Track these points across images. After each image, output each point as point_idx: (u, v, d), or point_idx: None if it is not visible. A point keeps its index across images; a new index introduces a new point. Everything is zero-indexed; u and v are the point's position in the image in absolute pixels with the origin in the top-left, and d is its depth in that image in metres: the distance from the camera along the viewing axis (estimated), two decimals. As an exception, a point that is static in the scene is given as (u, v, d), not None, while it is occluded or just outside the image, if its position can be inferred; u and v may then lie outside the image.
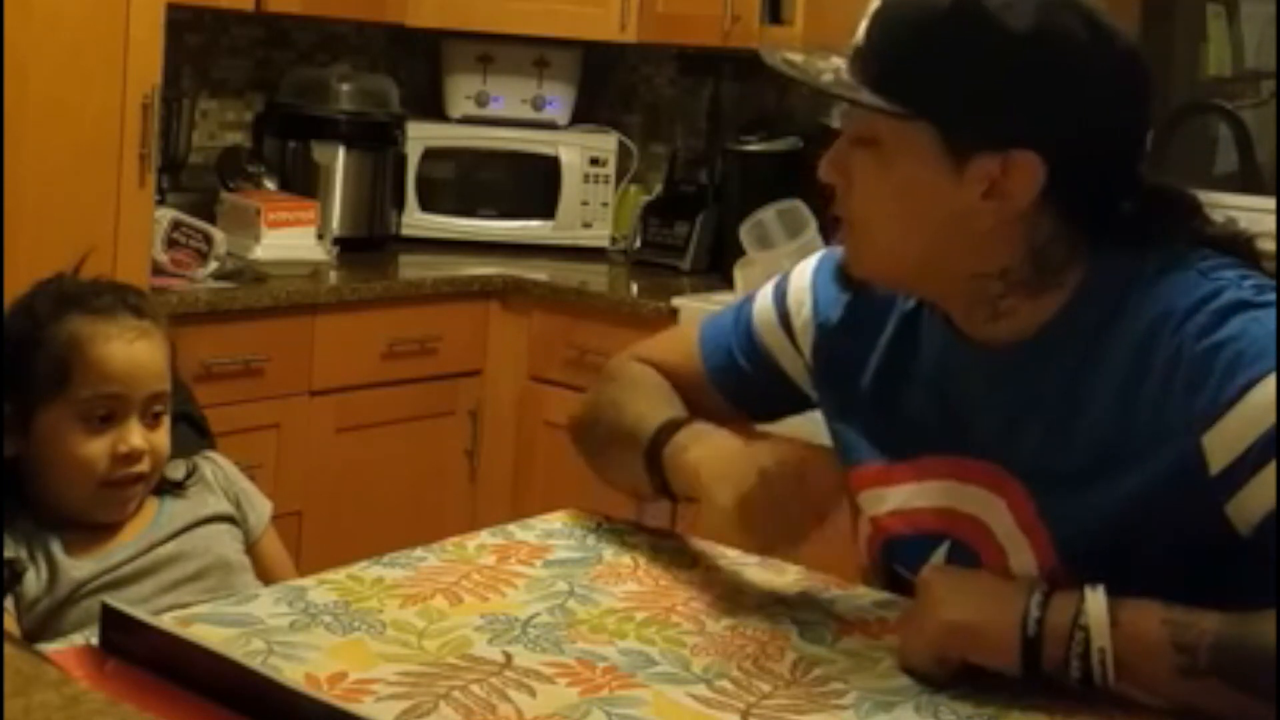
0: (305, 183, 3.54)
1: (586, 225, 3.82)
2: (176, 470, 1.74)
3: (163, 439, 1.68)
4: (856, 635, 1.39)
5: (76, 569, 1.61)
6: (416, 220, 3.77)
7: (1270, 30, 3.24)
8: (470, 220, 3.80)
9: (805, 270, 1.60)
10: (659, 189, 3.90)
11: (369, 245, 3.62)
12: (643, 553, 1.57)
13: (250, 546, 1.76)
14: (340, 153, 3.57)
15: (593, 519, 1.65)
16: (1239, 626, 1.22)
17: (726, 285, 3.33)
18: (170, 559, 1.66)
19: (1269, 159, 3.21)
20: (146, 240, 2.87)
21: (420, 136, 3.74)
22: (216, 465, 1.79)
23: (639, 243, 3.80)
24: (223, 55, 3.69)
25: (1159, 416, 1.29)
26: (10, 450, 1.63)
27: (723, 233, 3.61)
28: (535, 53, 3.84)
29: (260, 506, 1.79)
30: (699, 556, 1.56)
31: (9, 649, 0.92)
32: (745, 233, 3.28)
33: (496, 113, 3.85)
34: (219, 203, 3.40)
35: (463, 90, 3.85)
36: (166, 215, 3.01)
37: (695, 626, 1.38)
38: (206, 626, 1.30)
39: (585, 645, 1.32)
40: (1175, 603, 1.24)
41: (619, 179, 3.88)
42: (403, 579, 1.44)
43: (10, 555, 1.59)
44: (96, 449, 1.62)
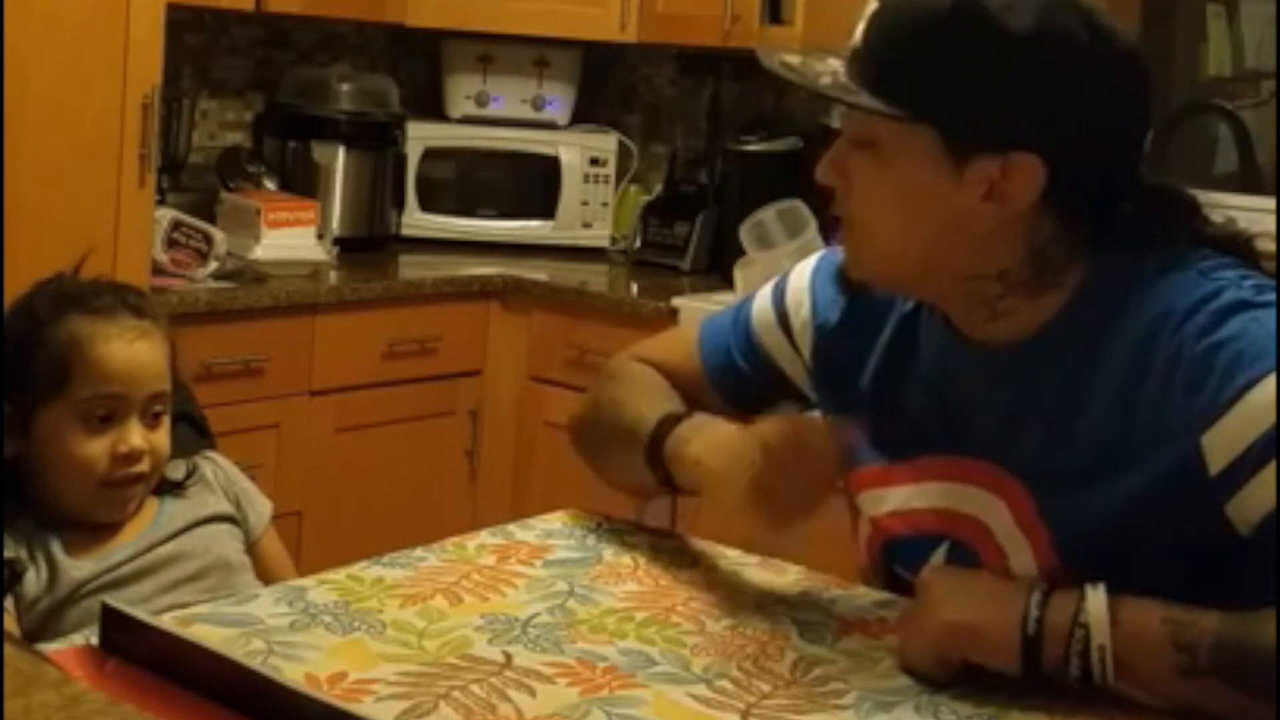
0: (305, 183, 3.54)
1: (586, 225, 3.82)
2: (176, 470, 1.74)
3: (163, 439, 1.68)
4: (856, 635, 1.39)
5: (76, 569, 1.61)
6: (416, 220, 3.76)
7: (1270, 30, 3.24)
8: (470, 220, 3.80)
9: (804, 271, 1.60)
10: (659, 189, 3.90)
11: (369, 245, 3.61)
12: (643, 553, 1.57)
13: (250, 546, 1.76)
14: (340, 153, 3.57)
15: (593, 519, 1.65)
16: (1239, 626, 1.22)
17: (726, 285, 3.33)
18: (170, 559, 1.66)
19: (1269, 159, 3.21)
20: (146, 240, 2.87)
21: (420, 136, 3.74)
22: (216, 465, 1.79)
23: (639, 243, 3.80)
24: (223, 55, 3.69)
25: (1159, 416, 1.29)
26: (10, 450, 1.63)
27: (723, 233, 3.61)
28: (535, 53, 3.84)
29: (260, 506, 1.79)
30: (699, 556, 1.57)
31: (9, 649, 0.92)
32: (745, 233, 3.28)
33: (496, 113, 3.85)
34: (219, 203, 3.40)
35: (463, 90, 3.85)
36: (166, 215, 3.01)
37: (695, 626, 1.38)
38: (206, 626, 1.30)
39: (585, 645, 1.32)
40: (1175, 602, 1.24)
41: (619, 179, 3.88)
42: (403, 579, 1.44)
43: (10, 555, 1.59)
44: (96, 449, 1.62)
